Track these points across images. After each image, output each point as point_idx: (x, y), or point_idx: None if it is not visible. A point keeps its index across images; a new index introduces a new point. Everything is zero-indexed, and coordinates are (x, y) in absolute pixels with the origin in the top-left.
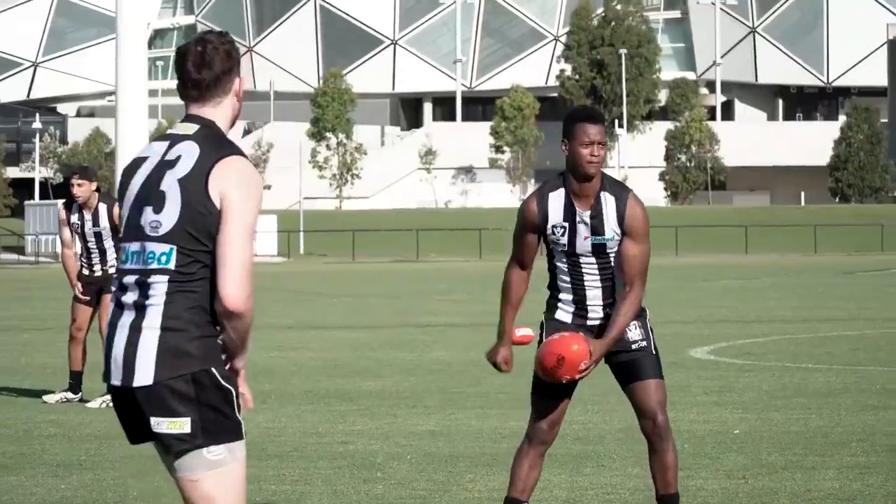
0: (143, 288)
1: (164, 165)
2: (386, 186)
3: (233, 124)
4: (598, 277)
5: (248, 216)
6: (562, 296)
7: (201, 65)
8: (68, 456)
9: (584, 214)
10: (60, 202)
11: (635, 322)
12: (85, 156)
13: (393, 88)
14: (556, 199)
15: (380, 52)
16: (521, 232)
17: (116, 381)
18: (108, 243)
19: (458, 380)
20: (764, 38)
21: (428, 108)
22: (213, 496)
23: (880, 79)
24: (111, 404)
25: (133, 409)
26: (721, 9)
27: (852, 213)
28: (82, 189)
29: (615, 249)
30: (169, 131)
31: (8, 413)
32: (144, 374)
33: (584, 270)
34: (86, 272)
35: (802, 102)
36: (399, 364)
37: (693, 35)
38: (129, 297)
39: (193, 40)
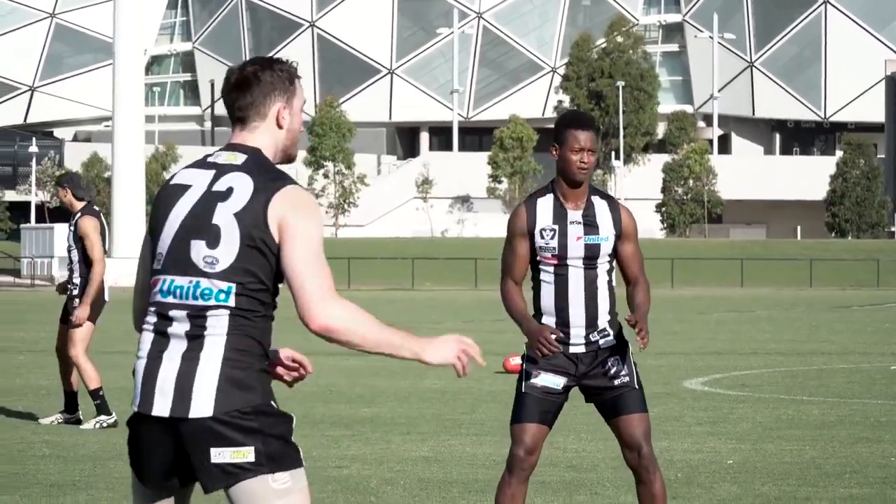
0: (199, 320)
1: (214, 197)
2: (382, 215)
3: (284, 158)
4: (583, 293)
5: (315, 235)
6: (544, 319)
7: (234, 87)
8: (62, 476)
9: (575, 214)
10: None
11: (617, 357)
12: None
13: (390, 117)
14: (545, 203)
15: (377, 81)
16: (510, 241)
17: (163, 411)
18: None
19: (451, 407)
20: (761, 72)
21: (424, 137)
22: None
23: (878, 114)
24: (105, 426)
25: (174, 441)
26: (719, 43)
27: (848, 247)
28: (60, 197)
29: (606, 259)
30: (211, 159)
31: (2, 433)
32: (204, 405)
33: (569, 282)
34: (69, 284)
35: (799, 137)
36: (393, 391)
37: (691, 68)
38: (179, 328)
39: (239, 64)
